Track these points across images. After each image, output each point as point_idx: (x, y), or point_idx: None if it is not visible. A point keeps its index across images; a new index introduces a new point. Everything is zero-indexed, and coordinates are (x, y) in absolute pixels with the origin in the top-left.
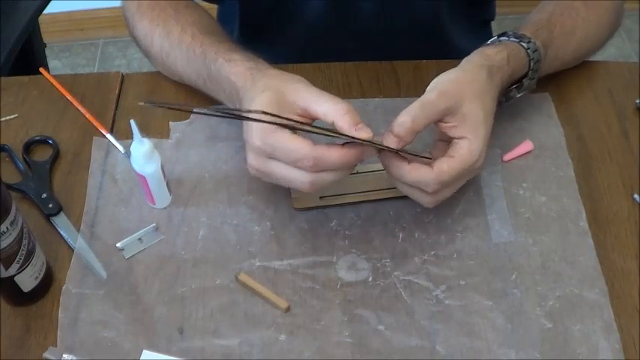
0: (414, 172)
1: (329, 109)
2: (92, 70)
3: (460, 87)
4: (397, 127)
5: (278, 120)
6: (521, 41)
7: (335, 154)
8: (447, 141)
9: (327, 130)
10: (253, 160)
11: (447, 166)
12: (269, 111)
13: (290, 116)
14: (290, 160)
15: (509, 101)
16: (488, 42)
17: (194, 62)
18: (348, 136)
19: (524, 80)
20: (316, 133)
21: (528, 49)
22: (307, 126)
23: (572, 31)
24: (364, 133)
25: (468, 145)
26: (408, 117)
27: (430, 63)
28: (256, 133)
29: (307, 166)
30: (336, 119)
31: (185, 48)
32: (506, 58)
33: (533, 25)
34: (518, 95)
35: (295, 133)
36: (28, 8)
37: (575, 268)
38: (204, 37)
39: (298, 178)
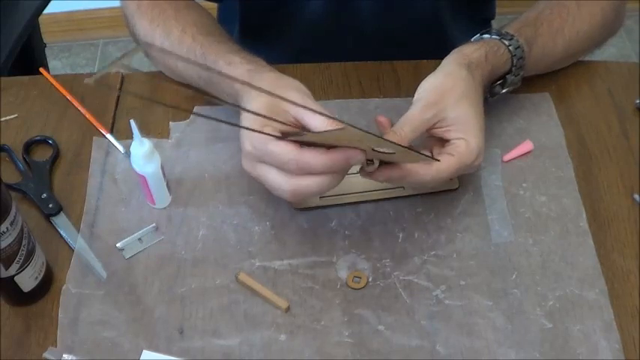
0: (414, 175)
1: (319, 126)
2: (92, 70)
3: (443, 93)
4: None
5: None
6: (502, 38)
7: (320, 158)
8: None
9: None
10: (246, 164)
11: (445, 165)
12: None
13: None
14: (276, 163)
15: (494, 97)
16: (472, 39)
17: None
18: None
19: (507, 76)
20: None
21: (510, 45)
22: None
23: (559, 30)
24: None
25: (465, 144)
26: (395, 135)
27: (430, 63)
28: (247, 138)
29: (292, 170)
30: None
31: (185, 49)
32: (484, 55)
33: (519, 23)
34: (503, 91)
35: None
36: (28, 8)
37: (575, 268)
38: (204, 39)
39: (281, 186)
